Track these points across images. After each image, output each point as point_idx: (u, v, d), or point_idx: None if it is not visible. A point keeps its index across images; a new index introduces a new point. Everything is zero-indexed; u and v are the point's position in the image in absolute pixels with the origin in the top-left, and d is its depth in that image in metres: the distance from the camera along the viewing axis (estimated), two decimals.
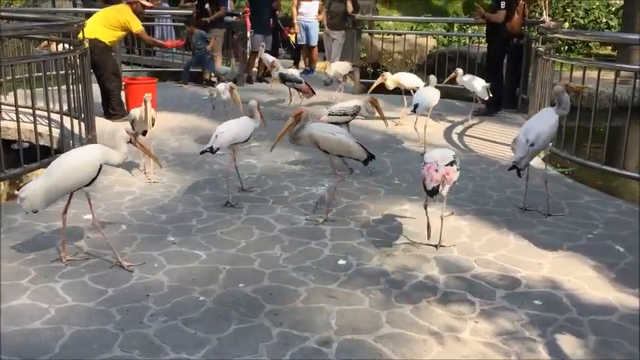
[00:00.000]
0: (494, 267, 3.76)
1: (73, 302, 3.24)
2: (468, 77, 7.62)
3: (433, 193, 3.75)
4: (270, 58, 9.09)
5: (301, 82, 8.03)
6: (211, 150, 4.64)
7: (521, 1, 8.12)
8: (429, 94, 6.26)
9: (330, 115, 5.32)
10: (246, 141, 4.87)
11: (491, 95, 7.70)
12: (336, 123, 5.22)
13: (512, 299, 3.36)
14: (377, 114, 5.60)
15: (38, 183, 3.57)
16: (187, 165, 5.78)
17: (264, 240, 4.06)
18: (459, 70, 7.57)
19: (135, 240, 4.06)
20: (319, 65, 8.89)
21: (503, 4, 7.84)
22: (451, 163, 3.83)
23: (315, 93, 8.14)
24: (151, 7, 12.66)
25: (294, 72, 8.67)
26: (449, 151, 4.04)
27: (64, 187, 3.59)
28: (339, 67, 8.81)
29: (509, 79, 8.56)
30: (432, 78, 6.54)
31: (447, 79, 7.76)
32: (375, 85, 7.48)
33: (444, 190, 3.78)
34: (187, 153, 6.15)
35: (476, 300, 3.35)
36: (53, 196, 3.61)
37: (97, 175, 3.62)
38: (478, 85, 7.52)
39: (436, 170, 3.75)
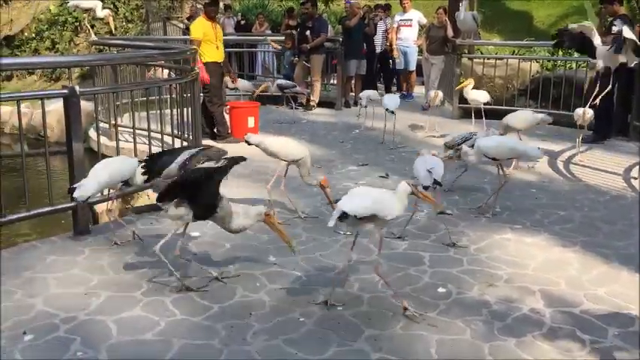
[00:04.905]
0: (605, 303, 3.56)
1: (182, 316, 3.39)
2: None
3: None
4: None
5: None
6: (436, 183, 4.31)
7: (637, 27, 7.72)
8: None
9: None
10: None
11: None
12: None
13: (626, 338, 3.17)
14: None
15: None
16: (288, 187, 5.89)
17: (363, 264, 4.07)
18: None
19: (237, 259, 4.19)
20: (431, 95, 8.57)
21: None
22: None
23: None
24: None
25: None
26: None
27: None
28: (480, 95, 8.39)
29: (620, 106, 8.14)
30: None
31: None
32: None
33: None
34: (289, 175, 6.28)
35: (585, 337, 3.19)
36: None
37: None
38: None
39: None
